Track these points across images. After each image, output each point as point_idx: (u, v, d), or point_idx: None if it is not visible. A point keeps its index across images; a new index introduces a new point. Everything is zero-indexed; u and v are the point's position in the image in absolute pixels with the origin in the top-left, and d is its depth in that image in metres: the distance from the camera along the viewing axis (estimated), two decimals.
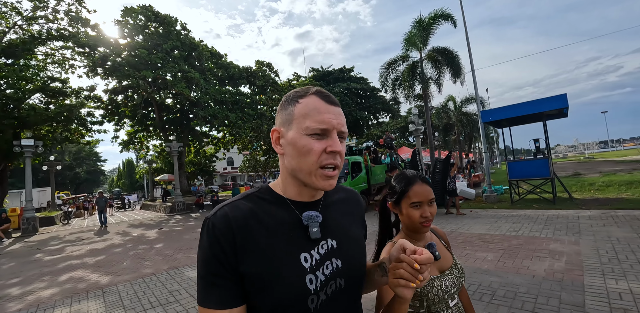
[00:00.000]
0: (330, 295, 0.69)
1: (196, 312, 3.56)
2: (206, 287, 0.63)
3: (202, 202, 16.42)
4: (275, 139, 0.71)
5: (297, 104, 0.67)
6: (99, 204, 12.92)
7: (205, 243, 0.64)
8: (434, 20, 11.81)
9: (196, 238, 8.38)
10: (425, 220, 1.05)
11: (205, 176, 31.24)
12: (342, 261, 0.72)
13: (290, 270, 0.65)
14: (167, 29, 16.45)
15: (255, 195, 0.72)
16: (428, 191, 1.07)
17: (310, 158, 0.65)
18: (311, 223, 0.69)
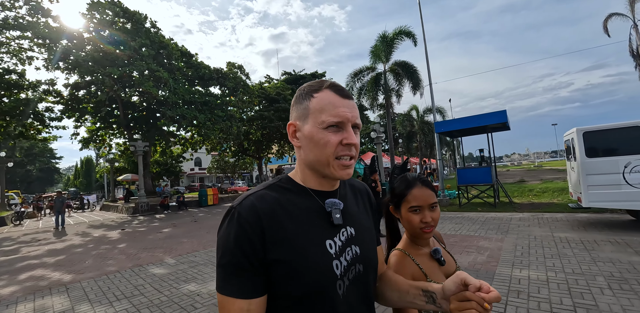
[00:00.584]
0: (352, 280, 0.72)
1: (161, 303, 3.88)
2: (227, 275, 0.63)
3: (167, 203, 16.20)
4: (292, 132, 0.73)
5: (312, 98, 0.69)
6: (56, 204, 12.34)
7: (230, 232, 0.64)
8: (397, 36, 12.76)
9: (161, 239, 8.53)
10: (425, 225, 1.00)
11: (171, 177, 30.46)
12: (359, 248, 0.75)
13: (319, 256, 0.66)
14: (136, 26, 16.15)
15: (277, 184, 0.73)
16: (429, 195, 1.02)
17: (328, 150, 0.67)
18: (334, 210, 0.71)
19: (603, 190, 5.82)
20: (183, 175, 41.67)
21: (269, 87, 28.46)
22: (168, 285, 4.57)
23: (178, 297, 4.05)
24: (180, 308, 3.68)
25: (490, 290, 0.61)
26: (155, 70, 14.84)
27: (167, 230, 10.04)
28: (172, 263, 5.85)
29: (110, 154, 24.01)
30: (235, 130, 19.99)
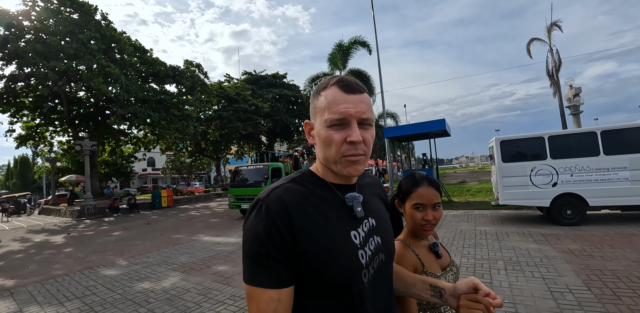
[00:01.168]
0: (376, 269, 0.74)
1: (114, 301, 4.04)
2: (256, 266, 0.64)
3: (117, 206, 15.51)
4: (308, 130, 0.75)
5: (319, 96, 0.70)
6: None
7: (259, 224, 0.64)
8: (353, 45, 13.55)
9: (111, 242, 8.38)
10: (426, 223, 1.05)
11: (122, 178, 28.82)
12: (381, 238, 0.77)
13: (345, 246, 0.68)
14: (85, 17, 15.25)
15: (301, 178, 0.74)
16: (433, 195, 1.06)
17: (333, 149, 0.67)
18: (355, 204, 0.73)
19: (515, 189, 6.90)
20: (134, 176, 39.44)
21: (228, 86, 28.06)
22: (121, 284, 4.70)
23: (132, 294, 4.24)
24: (134, 303, 3.89)
25: (496, 298, 0.71)
26: (106, 65, 14.14)
27: (117, 233, 9.79)
28: (124, 264, 5.91)
29: (52, 153, 22.21)
30: (192, 130, 19.56)
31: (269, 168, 10.85)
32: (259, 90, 31.87)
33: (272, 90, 32.41)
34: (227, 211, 13.64)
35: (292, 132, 33.64)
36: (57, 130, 19.34)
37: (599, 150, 6.40)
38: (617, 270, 3.94)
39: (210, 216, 12.90)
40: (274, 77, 33.98)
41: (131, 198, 16.70)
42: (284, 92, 31.65)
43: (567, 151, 6.63)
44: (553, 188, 6.63)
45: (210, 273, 4.98)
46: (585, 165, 6.47)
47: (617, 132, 6.40)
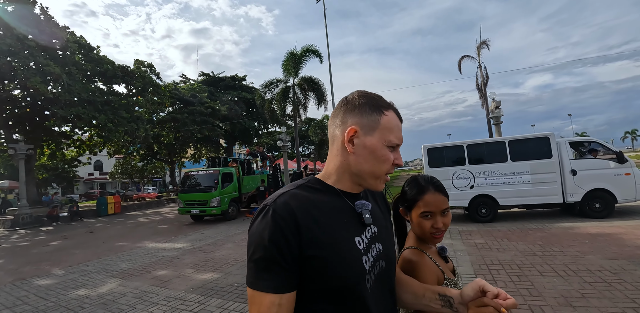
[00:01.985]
0: (377, 275, 0.76)
1: (47, 308, 4.14)
2: (259, 271, 0.65)
3: (56, 214, 14.62)
4: (350, 136, 0.73)
5: (383, 115, 0.74)
6: None
7: (265, 228, 0.65)
8: (305, 54, 14.13)
9: (47, 252, 8.13)
10: (436, 231, 1.01)
11: (64, 183, 26.91)
12: (382, 245, 0.80)
13: (350, 252, 0.70)
14: (22, 11, 14.32)
15: (307, 185, 0.76)
16: (441, 201, 1.02)
17: (385, 166, 0.73)
18: (364, 210, 0.76)
19: None
20: (79, 181, 36.86)
21: (183, 87, 27.43)
22: (55, 293, 4.76)
23: (65, 301, 4.35)
24: (68, 309, 4.04)
25: (507, 297, 0.68)
26: (45, 64, 13.39)
27: (55, 243, 9.41)
28: (60, 274, 5.87)
29: None
30: (142, 133, 18.93)
31: (219, 173, 11.02)
32: (217, 92, 31.44)
33: (230, 92, 32.10)
34: (178, 217, 13.50)
35: (251, 135, 33.49)
36: None
37: (507, 157, 7.49)
38: (504, 260, 4.80)
39: (159, 222, 12.72)
40: (232, 79, 33.68)
41: (73, 205, 15.82)
42: (243, 94, 31.47)
43: (482, 158, 7.68)
44: (470, 190, 7.63)
45: (149, 277, 5.19)
46: (496, 170, 7.53)
47: (521, 141, 7.55)
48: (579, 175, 7.20)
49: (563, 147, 7.37)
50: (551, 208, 8.09)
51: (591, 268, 4.13)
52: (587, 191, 7.13)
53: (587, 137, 7.93)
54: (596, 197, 7.15)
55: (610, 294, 3.32)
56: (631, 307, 3.00)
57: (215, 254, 6.52)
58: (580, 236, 5.78)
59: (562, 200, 7.26)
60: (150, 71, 20.68)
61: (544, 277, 3.98)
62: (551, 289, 3.59)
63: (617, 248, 4.89)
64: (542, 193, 7.30)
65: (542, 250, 5.09)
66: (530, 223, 7.18)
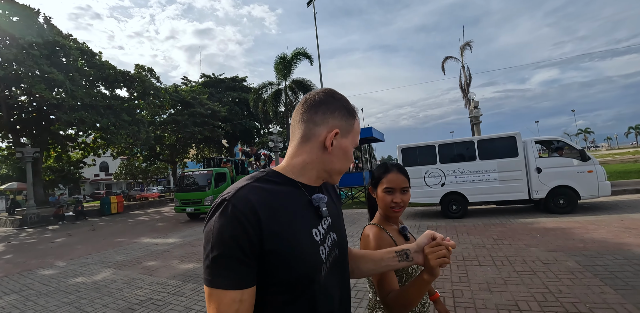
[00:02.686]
0: (332, 263, 0.81)
1: (48, 292, 4.85)
2: (218, 269, 0.64)
3: (62, 213, 15.53)
4: (331, 137, 0.78)
5: (355, 120, 0.83)
6: None
7: (223, 224, 0.65)
8: (296, 57, 14.74)
9: (52, 247, 8.89)
10: (395, 205, 1.19)
11: (70, 184, 28.00)
12: (336, 234, 0.86)
13: (308, 244, 0.73)
14: (26, 21, 15.20)
15: (265, 178, 0.77)
16: (402, 180, 1.20)
17: (348, 165, 0.85)
18: (321, 204, 0.80)
19: (413, 190, 8.37)
20: (85, 182, 38.09)
21: (184, 90, 28.22)
22: (56, 280, 5.48)
23: (64, 286, 5.06)
24: (65, 293, 4.74)
25: (450, 240, 0.86)
26: (48, 71, 14.24)
27: (60, 240, 10.21)
28: (62, 265, 6.61)
29: None
30: (144, 135, 19.78)
31: (212, 173, 11.73)
32: (218, 94, 32.24)
33: (231, 93, 32.83)
34: (176, 215, 14.26)
35: (253, 135, 34.22)
36: None
37: (475, 156, 8.02)
38: (454, 252, 5.29)
39: (157, 220, 13.49)
40: (233, 80, 34.45)
41: (78, 205, 16.71)
42: (244, 95, 32.12)
43: (452, 157, 8.21)
44: (442, 188, 8.18)
45: (139, 267, 5.88)
46: (465, 168, 8.07)
47: (489, 141, 8.07)
48: (543, 172, 7.68)
49: (529, 146, 7.86)
50: (523, 204, 8.59)
51: (527, 259, 4.57)
52: (552, 188, 7.60)
53: (553, 136, 8.36)
54: (560, 193, 7.61)
55: (530, 282, 3.72)
56: (541, 293, 3.42)
57: (201, 248, 7.19)
58: (535, 230, 6.24)
59: (527, 196, 7.75)
60: (150, 75, 21.53)
61: (480, 266, 4.44)
62: (480, 277, 4.03)
63: (563, 241, 5.31)
64: (509, 190, 7.81)
65: (493, 243, 5.57)
66: (497, 218, 7.70)
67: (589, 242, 5.12)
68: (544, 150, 9.16)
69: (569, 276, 3.79)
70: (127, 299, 4.26)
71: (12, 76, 13.97)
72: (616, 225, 6.10)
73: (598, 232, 5.72)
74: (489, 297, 3.46)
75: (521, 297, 3.36)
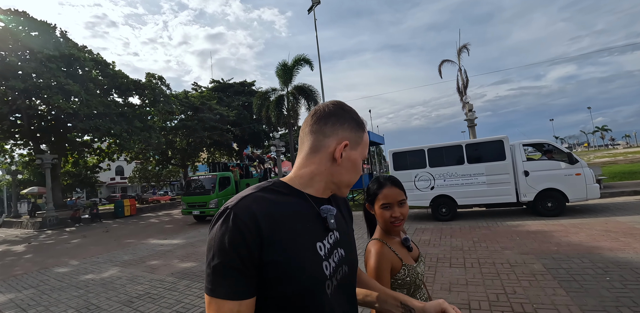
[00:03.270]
0: (339, 281, 0.78)
1: (62, 287, 5.46)
2: (218, 277, 0.65)
3: (78, 216, 16.49)
4: (341, 148, 0.78)
5: (364, 133, 0.84)
6: None
7: (225, 233, 0.65)
8: (297, 63, 15.31)
9: (68, 248, 9.63)
10: (395, 219, 1.20)
11: (87, 188, 29.33)
12: (344, 250, 0.82)
13: (310, 257, 0.71)
14: (44, 36, 16.29)
15: (270, 188, 0.76)
16: (397, 193, 1.21)
17: (357, 177, 0.83)
18: (329, 215, 0.78)
19: None
20: (102, 186, 39.68)
21: (193, 96, 29.19)
22: (69, 277, 6.11)
23: (76, 282, 5.68)
24: (76, 287, 5.35)
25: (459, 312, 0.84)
26: (65, 83, 15.24)
27: (76, 241, 11.00)
28: (75, 264, 7.28)
29: (13, 165, 22.75)
30: (155, 141, 20.71)
31: (217, 177, 12.34)
32: (227, 98, 33.16)
33: (240, 97, 33.71)
34: (184, 218, 14.96)
35: (262, 139, 34.97)
36: (18, 143, 20.04)
37: (464, 159, 8.31)
38: (431, 253, 5.51)
39: (166, 223, 14.21)
40: (241, 85, 35.34)
41: (93, 208, 17.67)
42: (252, 99, 32.86)
43: (441, 160, 8.52)
44: (431, 191, 8.49)
45: (142, 266, 6.47)
46: (454, 172, 8.37)
47: (477, 144, 8.35)
48: (531, 175, 7.91)
49: (517, 149, 8.09)
50: (513, 207, 8.80)
51: (497, 261, 4.73)
52: (539, 191, 7.81)
53: (541, 139, 8.55)
54: (548, 196, 7.80)
55: (491, 283, 3.90)
56: (496, 293, 3.59)
57: (202, 249, 7.75)
58: (517, 233, 6.41)
59: (515, 199, 7.98)
60: (160, 83, 22.52)
61: (450, 268, 4.65)
62: (446, 278, 4.24)
63: (539, 244, 5.40)
64: (497, 193, 8.06)
65: (471, 246, 5.77)
66: (485, 221, 7.95)
67: (564, 245, 5.27)
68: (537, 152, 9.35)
69: (529, 278, 3.97)
70: (128, 293, 4.82)
71: (32, 88, 15.01)
72: (598, 228, 6.20)
73: (577, 235, 5.85)
74: (446, 296, 3.70)
75: (476, 297, 3.58)
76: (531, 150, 9.57)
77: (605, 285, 3.56)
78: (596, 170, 11.43)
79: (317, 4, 15.98)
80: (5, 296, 5.28)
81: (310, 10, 16.11)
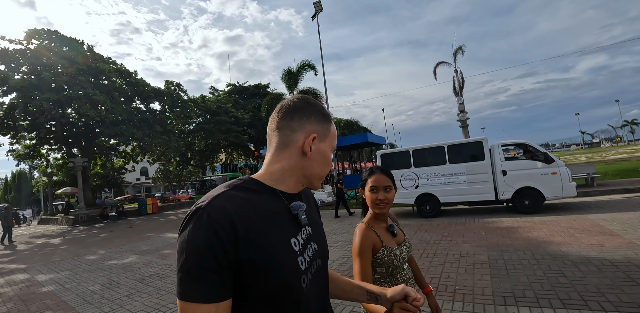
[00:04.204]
0: (313, 274, 0.81)
1: (90, 269, 6.71)
2: (192, 280, 0.63)
3: (106, 213, 18.28)
4: (309, 142, 0.79)
5: (331, 124, 0.85)
6: (7, 219, 13.21)
7: (197, 234, 0.63)
8: (302, 69, 16.29)
9: (97, 241, 11.08)
10: (379, 202, 1.41)
11: (114, 188, 31.66)
12: (317, 244, 0.85)
13: (286, 253, 0.72)
14: (74, 51, 18.14)
15: (242, 186, 0.76)
16: (384, 179, 1.43)
17: (328, 169, 0.85)
18: (300, 212, 0.79)
19: None
20: (128, 186, 42.37)
21: (210, 100, 30.80)
22: (97, 263, 7.39)
23: (102, 266, 6.94)
24: (102, 269, 6.59)
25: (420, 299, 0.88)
26: (92, 94, 16.97)
27: (103, 235, 12.51)
28: (102, 253, 8.61)
29: (48, 167, 25.14)
30: (174, 144, 22.34)
31: (227, 178, 13.56)
32: (243, 101, 34.69)
33: (254, 100, 35.15)
34: None
35: None
36: (53, 148, 22.21)
37: (445, 160, 9.00)
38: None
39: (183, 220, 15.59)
40: (256, 88, 36.76)
41: (119, 206, 19.45)
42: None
43: (425, 161, 9.24)
44: (416, 190, 9.24)
45: (157, 254, 7.67)
46: (437, 172, 9.07)
47: (458, 145, 9.01)
48: (509, 175, 8.50)
49: (496, 150, 8.68)
50: (494, 205, 9.30)
51: (451, 252, 5.16)
52: (517, 189, 8.38)
53: (520, 140, 9.07)
54: (526, 194, 8.33)
55: (433, 269, 4.39)
56: (431, 277, 4.12)
57: None
58: (486, 229, 6.85)
59: (494, 197, 8.59)
60: (178, 89, 24.16)
61: None
62: None
63: (498, 239, 5.82)
64: (477, 191, 8.70)
65: (437, 240, 6.27)
66: (464, 218, 8.58)
67: (520, 239, 5.67)
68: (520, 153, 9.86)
69: (468, 267, 4.41)
70: (142, 274, 5.98)
71: (63, 99, 16.82)
72: (563, 225, 6.53)
73: (540, 231, 6.22)
74: None
75: None
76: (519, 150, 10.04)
77: (529, 273, 3.97)
78: (589, 169, 11.74)
79: (319, 11, 16.90)
80: (47, 276, 6.58)
81: (314, 17, 17.03)
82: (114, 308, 4.30)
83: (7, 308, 4.79)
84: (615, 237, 5.28)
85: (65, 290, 5.43)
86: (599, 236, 5.43)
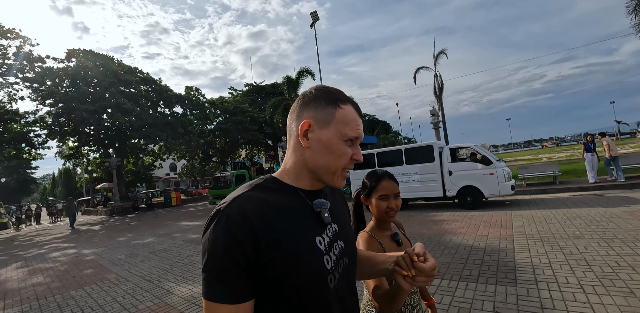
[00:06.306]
0: (341, 273, 0.79)
1: (119, 246, 9.33)
2: (213, 281, 0.65)
3: (137, 206, 21.57)
4: (304, 130, 0.75)
5: (338, 108, 0.75)
6: (69, 209, 16.93)
7: (218, 236, 0.65)
8: (301, 75, 18.25)
9: (127, 228, 13.96)
10: (390, 210, 1.32)
11: (146, 183, 35.63)
12: (344, 242, 0.83)
13: (310, 253, 0.71)
14: (105, 66, 21.33)
15: (263, 185, 0.76)
16: (394, 186, 1.36)
17: (342, 161, 0.75)
18: (323, 209, 0.78)
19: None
20: (158, 180, 46.76)
21: (227, 101, 33.59)
22: (125, 243, 10.03)
23: (129, 245, 9.55)
24: (128, 246, 9.18)
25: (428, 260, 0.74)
26: (122, 103, 20.05)
27: (133, 223, 15.47)
28: (130, 236, 11.33)
29: (89, 166, 29.16)
30: (195, 143, 25.32)
31: (233, 175, 16.03)
32: (261, 100, 37.26)
33: (271, 98, 37.57)
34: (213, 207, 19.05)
35: None
36: (92, 149, 25.94)
37: (402, 161, 10.79)
38: None
39: (199, 211, 18.39)
40: (272, 87, 39.13)
41: (148, 199, 22.71)
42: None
43: (386, 161, 11.06)
44: None
45: (168, 236, 10.21)
46: (396, 171, 10.87)
47: (413, 149, 10.75)
48: (454, 175, 10.15)
49: (445, 153, 10.32)
50: (445, 201, 10.82)
51: None
52: (460, 187, 10.00)
53: (466, 143, 10.54)
54: (468, 192, 9.92)
55: None
56: None
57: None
58: (421, 221, 8.02)
59: (443, 194, 10.26)
60: (198, 93, 27.05)
61: None
62: None
63: (419, 229, 7.00)
64: (428, 189, 10.44)
65: None
66: (416, 212, 10.27)
67: (435, 230, 6.68)
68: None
69: None
70: (154, 249, 8.47)
71: (99, 108, 20.06)
72: (482, 219, 7.41)
73: (458, 223, 7.19)
74: None
75: None
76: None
77: None
78: (554, 167, 12.98)
79: (316, 20, 18.72)
80: (89, 250, 9.29)
81: (312, 26, 18.85)
82: (131, 267, 6.75)
83: (65, 268, 7.41)
84: (504, 230, 6.07)
85: (102, 258, 8.02)
86: (493, 228, 6.26)
